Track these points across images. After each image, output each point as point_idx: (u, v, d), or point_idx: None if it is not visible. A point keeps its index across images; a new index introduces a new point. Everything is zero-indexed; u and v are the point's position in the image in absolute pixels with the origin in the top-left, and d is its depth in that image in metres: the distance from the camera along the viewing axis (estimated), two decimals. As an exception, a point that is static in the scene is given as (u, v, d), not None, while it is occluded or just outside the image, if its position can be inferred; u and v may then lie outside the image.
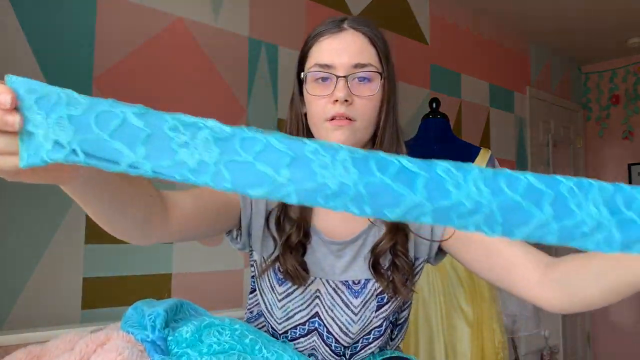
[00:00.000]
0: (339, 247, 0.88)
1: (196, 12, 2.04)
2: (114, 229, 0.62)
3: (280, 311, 0.89)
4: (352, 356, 0.92)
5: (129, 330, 0.80)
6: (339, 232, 0.89)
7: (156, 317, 0.81)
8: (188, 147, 0.41)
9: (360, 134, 0.83)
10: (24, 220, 1.59)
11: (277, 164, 0.41)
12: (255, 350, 0.79)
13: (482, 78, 3.41)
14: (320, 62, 0.82)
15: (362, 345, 0.91)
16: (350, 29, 0.84)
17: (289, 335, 0.92)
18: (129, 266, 1.80)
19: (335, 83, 0.81)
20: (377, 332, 0.90)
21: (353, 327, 0.88)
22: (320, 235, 0.88)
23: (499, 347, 1.88)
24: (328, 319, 0.89)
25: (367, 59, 0.83)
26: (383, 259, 0.87)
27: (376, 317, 0.88)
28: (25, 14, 1.63)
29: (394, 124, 0.88)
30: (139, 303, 0.87)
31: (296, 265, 0.85)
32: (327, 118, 0.81)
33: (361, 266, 0.88)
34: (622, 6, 3.26)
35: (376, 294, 0.88)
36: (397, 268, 0.86)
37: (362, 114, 0.82)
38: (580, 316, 4.10)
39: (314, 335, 0.90)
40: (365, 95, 0.82)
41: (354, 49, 0.82)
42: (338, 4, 2.56)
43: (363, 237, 0.89)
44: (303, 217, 0.87)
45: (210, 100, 2.06)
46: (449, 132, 2.16)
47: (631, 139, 4.08)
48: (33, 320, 1.57)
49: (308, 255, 0.88)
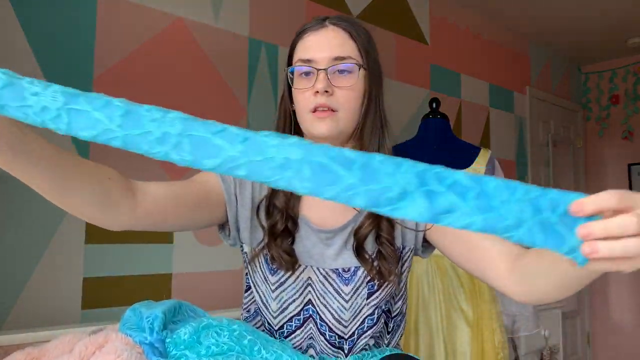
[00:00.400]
0: (328, 236, 0.91)
1: (196, 12, 2.04)
2: (65, 203, 0.65)
3: (275, 302, 0.91)
4: (350, 350, 0.93)
5: (127, 333, 0.80)
6: (328, 221, 0.92)
7: (154, 319, 0.81)
8: (156, 121, 0.49)
9: (343, 124, 0.87)
10: (24, 220, 1.59)
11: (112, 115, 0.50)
12: (254, 351, 0.79)
13: (482, 78, 3.41)
14: (302, 57, 0.88)
15: (357, 336, 0.92)
16: (331, 25, 0.89)
17: (285, 330, 0.93)
18: (129, 266, 1.80)
19: (316, 76, 0.85)
20: (370, 321, 0.92)
21: (345, 314, 0.90)
22: (309, 224, 0.92)
23: (499, 347, 1.88)
24: (320, 307, 0.91)
25: (347, 52, 0.87)
26: (369, 247, 0.90)
27: (367, 305, 0.90)
28: (25, 13, 1.63)
29: (376, 114, 0.91)
30: (137, 305, 0.88)
31: (281, 252, 0.88)
32: (311, 109, 0.86)
33: (350, 254, 0.91)
34: (622, 6, 3.26)
35: (366, 282, 0.90)
36: (382, 256, 0.89)
37: (344, 104, 0.86)
38: (580, 316, 4.11)
39: (310, 323, 0.92)
40: (345, 86, 0.86)
41: (333, 43, 0.87)
42: (338, 4, 2.56)
43: (351, 225, 0.92)
44: (289, 205, 0.90)
45: (210, 100, 2.06)
46: (449, 132, 2.16)
47: (631, 139, 4.08)
48: (33, 320, 1.57)
49: (298, 243, 0.91)
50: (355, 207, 0.48)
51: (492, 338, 1.88)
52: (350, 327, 0.92)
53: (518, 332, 2.06)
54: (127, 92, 1.83)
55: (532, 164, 3.74)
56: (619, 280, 4.11)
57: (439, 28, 3.12)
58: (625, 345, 4.02)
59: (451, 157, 2.03)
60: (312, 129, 0.87)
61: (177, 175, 1.88)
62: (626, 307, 4.06)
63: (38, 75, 1.62)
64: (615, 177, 4.17)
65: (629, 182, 4.07)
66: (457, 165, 2.01)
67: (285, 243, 0.89)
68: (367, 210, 0.89)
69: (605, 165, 4.24)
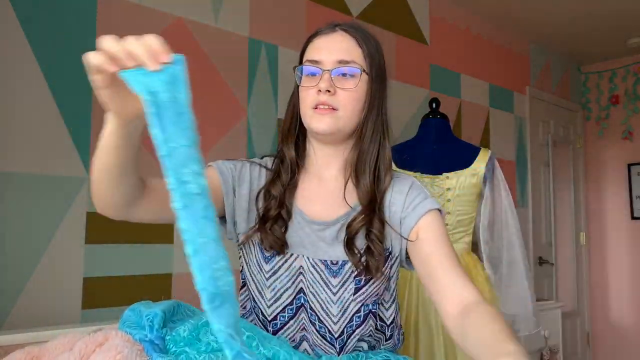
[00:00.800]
0: (320, 228, 0.95)
1: (196, 12, 2.04)
2: (110, 186, 0.74)
3: (269, 290, 0.95)
4: (342, 347, 0.95)
5: (127, 331, 0.81)
6: (321, 214, 0.97)
7: (154, 317, 0.83)
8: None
9: (342, 122, 0.92)
10: (24, 220, 1.59)
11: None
12: (252, 347, 0.80)
13: (481, 78, 3.41)
14: (310, 58, 0.94)
15: (347, 336, 0.95)
16: (341, 31, 0.95)
17: (279, 322, 0.96)
18: (129, 266, 1.80)
19: (321, 76, 0.91)
20: (357, 319, 0.94)
21: (333, 307, 0.93)
22: (302, 215, 0.96)
23: (499, 347, 1.88)
24: (310, 296, 0.94)
25: (352, 57, 0.92)
26: (359, 243, 0.94)
27: (354, 301, 0.93)
28: (25, 14, 1.63)
29: (377, 118, 0.96)
30: (135, 305, 0.89)
31: (272, 236, 0.93)
32: (312, 106, 0.92)
33: (340, 247, 0.94)
34: (622, 6, 3.26)
35: (354, 276, 0.93)
36: (371, 252, 0.93)
37: (344, 105, 0.91)
38: (580, 316, 4.11)
39: (302, 313, 0.95)
40: (347, 88, 0.91)
41: (340, 47, 0.93)
42: (338, 5, 2.57)
43: (344, 219, 0.95)
44: (285, 195, 0.96)
45: (210, 100, 2.06)
46: (448, 132, 2.16)
47: (631, 139, 4.08)
48: (33, 320, 1.57)
49: (291, 233, 0.95)
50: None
51: (492, 338, 1.87)
52: (340, 325, 0.94)
53: (518, 332, 2.06)
54: (127, 92, 1.83)
55: (532, 164, 3.74)
56: (619, 280, 4.12)
57: (439, 28, 3.12)
58: (625, 345, 4.02)
59: (451, 157, 2.03)
60: (312, 124, 0.92)
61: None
62: (626, 307, 4.06)
63: (38, 75, 1.63)
64: (614, 177, 4.17)
65: (629, 182, 4.07)
66: (457, 165, 2.01)
67: (277, 229, 0.94)
68: (361, 207, 0.95)
69: (605, 165, 4.24)
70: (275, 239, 0.93)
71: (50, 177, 1.64)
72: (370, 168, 0.95)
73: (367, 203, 0.94)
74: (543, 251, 3.83)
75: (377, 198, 0.94)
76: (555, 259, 3.92)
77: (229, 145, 2.10)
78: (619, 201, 4.13)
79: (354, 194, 0.96)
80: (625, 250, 4.09)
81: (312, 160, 0.99)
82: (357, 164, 0.95)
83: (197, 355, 0.77)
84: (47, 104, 1.65)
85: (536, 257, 3.75)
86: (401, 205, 0.95)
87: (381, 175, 0.96)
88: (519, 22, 3.54)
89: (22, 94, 1.61)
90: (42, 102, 1.64)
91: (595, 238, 4.26)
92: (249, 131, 2.18)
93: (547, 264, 3.84)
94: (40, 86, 1.64)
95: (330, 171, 0.99)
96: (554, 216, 3.90)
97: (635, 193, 4.04)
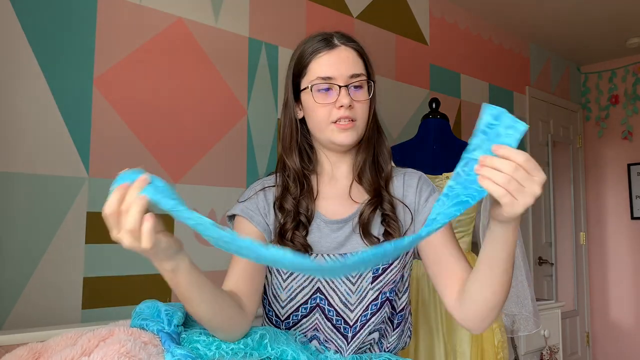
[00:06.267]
0: (338, 226, 1.03)
1: (196, 12, 2.04)
2: (212, 320, 0.86)
3: (285, 292, 1.00)
4: (354, 337, 1.00)
5: (142, 323, 0.84)
6: (338, 213, 1.04)
7: (174, 313, 0.88)
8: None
9: (360, 131, 1.02)
10: (24, 220, 1.59)
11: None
12: (263, 344, 0.86)
13: (481, 78, 3.42)
14: (322, 75, 0.99)
15: (360, 325, 1.00)
16: (342, 45, 1.02)
17: (291, 320, 1.01)
18: (129, 266, 1.80)
19: (338, 92, 0.98)
20: (374, 307, 1.00)
21: (352, 297, 0.99)
22: (321, 217, 1.04)
23: (499, 347, 1.88)
24: (330, 291, 0.99)
25: (359, 69, 1.01)
26: (376, 230, 1.02)
27: (372, 289, 1.00)
28: (25, 14, 1.63)
29: (374, 118, 1.06)
30: (148, 301, 0.94)
31: (292, 244, 1.00)
32: (333, 120, 0.99)
33: (358, 239, 1.02)
34: (622, 7, 3.26)
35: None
36: (389, 234, 1.01)
37: (361, 116, 1.01)
38: (580, 316, 4.11)
39: (315, 313, 1.00)
40: (361, 100, 1.01)
41: (348, 63, 1.00)
42: (338, 5, 2.57)
43: (356, 215, 1.03)
44: (299, 205, 1.03)
45: (210, 100, 2.07)
46: (448, 132, 2.16)
47: (630, 139, 4.08)
48: (33, 320, 1.57)
49: (311, 235, 1.02)
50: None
51: (492, 338, 1.88)
52: (356, 312, 0.99)
53: (518, 332, 2.06)
54: (127, 92, 1.83)
55: (532, 164, 3.73)
56: (619, 280, 4.12)
57: (439, 28, 3.12)
58: (625, 345, 4.02)
59: (451, 157, 2.03)
60: (336, 138, 1.00)
61: (176, 174, 1.89)
62: (626, 307, 4.07)
63: (38, 75, 1.63)
64: (614, 177, 4.18)
65: (629, 182, 4.08)
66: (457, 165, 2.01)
67: (298, 236, 1.00)
68: (368, 199, 1.04)
69: (605, 165, 4.25)
70: (299, 246, 0.99)
71: (50, 177, 1.64)
72: (371, 162, 1.06)
73: (373, 192, 1.03)
74: (543, 251, 3.83)
75: (382, 184, 1.04)
76: (555, 259, 3.92)
77: (229, 145, 2.11)
78: (619, 201, 4.13)
79: (361, 189, 1.05)
80: (625, 250, 4.10)
81: (324, 165, 1.07)
82: (361, 162, 1.05)
83: (207, 351, 0.83)
84: (47, 104, 1.65)
85: (536, 257, 3.75)
86: (413, 200, 1.05)
87: (382, 166, 1.07)
88: (519, 22, 3.55)
89: (22, 94, 1.61)
90: (42, 102, 1.64)
91: (595, 238, 4.26)
92: (249, 131, 2.18)
93: (546, 264, 3.84)
94: (40, 86, 1.63)
95: (341, 170, 1.07)
96: (553, 216, 3.90)
97: (635, 193, 4.04)
